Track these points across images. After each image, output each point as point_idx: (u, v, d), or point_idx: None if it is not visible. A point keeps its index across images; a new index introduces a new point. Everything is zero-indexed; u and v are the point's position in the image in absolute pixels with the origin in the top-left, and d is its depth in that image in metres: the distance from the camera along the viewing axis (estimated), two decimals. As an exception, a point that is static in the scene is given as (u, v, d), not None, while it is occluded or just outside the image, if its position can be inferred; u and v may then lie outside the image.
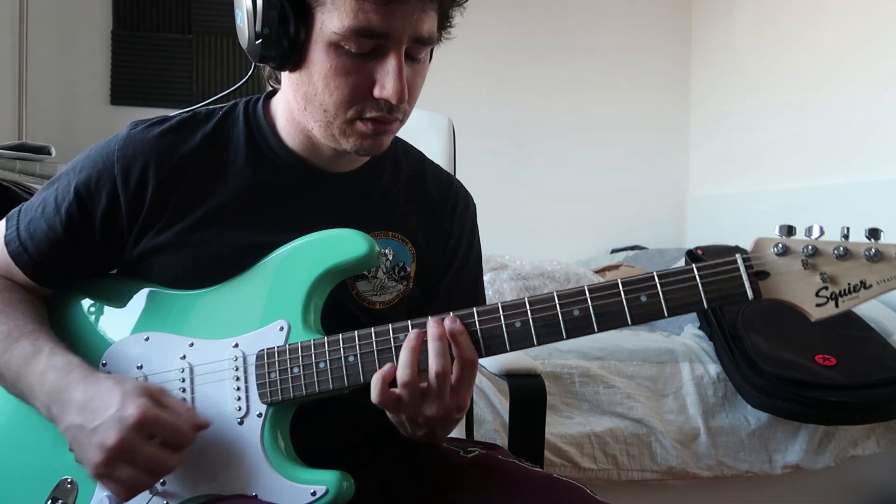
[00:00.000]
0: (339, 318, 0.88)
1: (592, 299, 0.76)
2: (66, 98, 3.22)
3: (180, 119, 0.92)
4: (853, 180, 2.51)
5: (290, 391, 0.82)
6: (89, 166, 0.89)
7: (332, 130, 0.84)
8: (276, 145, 0.92)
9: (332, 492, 0.78)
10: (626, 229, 3.52)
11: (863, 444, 1.81)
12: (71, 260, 0.90)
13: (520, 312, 0.78)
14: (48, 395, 0.80)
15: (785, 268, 0.72)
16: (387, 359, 0.80)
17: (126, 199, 0.88)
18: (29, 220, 0.91)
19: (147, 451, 0.74)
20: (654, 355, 1.84)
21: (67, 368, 0.80)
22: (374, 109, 0.82)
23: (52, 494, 0.85)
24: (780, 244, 0.72)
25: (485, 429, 1.64)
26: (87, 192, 0.88)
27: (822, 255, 0.71)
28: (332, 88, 0.81)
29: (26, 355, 0.82)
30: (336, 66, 0.80)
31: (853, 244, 0.70)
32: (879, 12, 2.46)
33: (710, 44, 3.52)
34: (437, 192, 1.01)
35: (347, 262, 0.84)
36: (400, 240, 0.96)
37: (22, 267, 0.90)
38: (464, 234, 1.03)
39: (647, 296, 0.75)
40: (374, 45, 0.79)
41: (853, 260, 0.70)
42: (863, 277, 0.70)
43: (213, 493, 0.81)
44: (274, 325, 0.84)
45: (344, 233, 0.86)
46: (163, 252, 0.89)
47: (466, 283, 1.04)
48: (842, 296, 0.70)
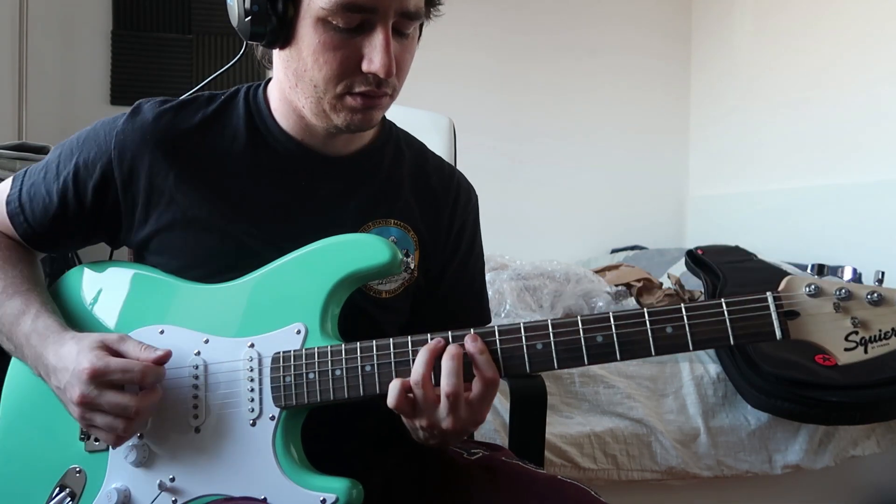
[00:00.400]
0: (346, 307, 0.88)
1: (617, 326, 0.75)
2: (66, 98, 3.22)
3: (183, 100, 0.94)
4: (853, 180, 2.51)
5: (305, 396, 0.81)
6: (92, 138, 0.92)
7: (322, 106, 0.85)
8: (275, 129, 0.93)
9: (343, 500, 0.78)
10: (626, 229, 3.52)
11: (863, 444, 1.80)
12: (61, 228, 0.93)
13: (542, 335, 0.77)
14: (33, 358, 0.85)
15: (816, 309, 0.71)
16: (404, 371, 0.79)
17: (120, 177, 0.90)
18: (32, 182, 0.94)
19: (107, 398, 0.78)
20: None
21: (46, 332, 0.84)
22: (362, 84, 0.83)
23: (61, 482, 0.85)
24: (813, 285, 0.71)
25: (485, 429, 1.64)
26: (84, 164, 0.91)
27: (856, 299, 0.70)
28: (322, 64, 0.82)
29: (16, 313, 0.87)
30: (324, 42, 0.81)
31: (887, 290, 0.70)
32: (878, 13, 2.45)
33: (710, 43, 3.52)
34: (439, 183, 1.02)
35: (369, 269, 0.84)
36: (402, 227, 0.96)
37: (16, 227, 0.94)
38: (466, 226, 1.03)
39: (673, 327, 0.73)
40: (362, 20, 0.80)
41: (887, 306, 0.69)
42: (895, 325, 0.69)
43: (223, 493, 0.81)
44: (291, 327, 0.84)
45: (366, 238, 0.86)
46: (168, 232, 0.90)
47: (471, 279, 1.04)
48: (871, 342, 0.70)
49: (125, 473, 0.84)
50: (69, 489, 0.85)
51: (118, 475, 0.84)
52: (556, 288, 2.10)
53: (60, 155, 0.93)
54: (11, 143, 2.04)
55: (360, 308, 0.90)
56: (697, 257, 2.23)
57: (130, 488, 0.83)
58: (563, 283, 2.13)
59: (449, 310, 1.02)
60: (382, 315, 0.93)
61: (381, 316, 0.93)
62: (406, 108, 1.24)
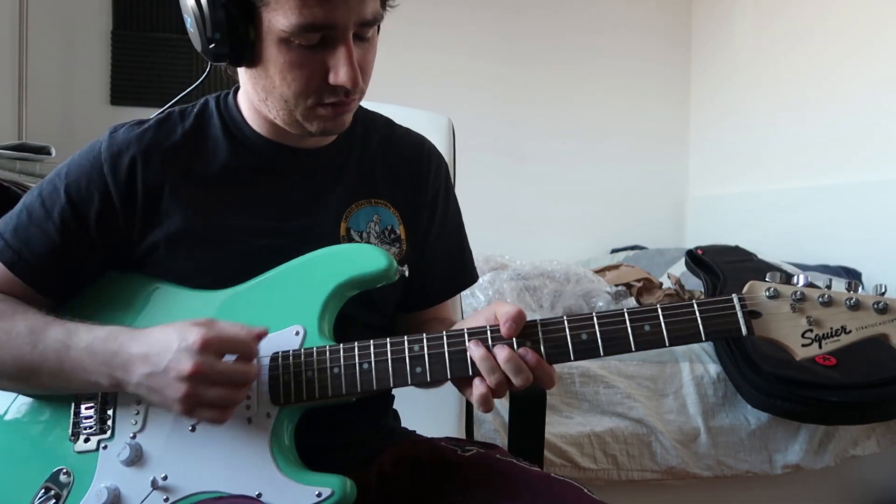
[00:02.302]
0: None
1: (600, 325, 0.81)
2: (66, 98, 3.22)
3: (157, 119, 0.95)
4: (852, 180, 2.51)
5: (303, 394, 0.83)
6: (76, 170, 0.90)
7: (295, 117, 0.88)
8: (251, 134, 0.95)
9: (337, 494, 0.79)
10: (626, 229, 3.52)
11: (863, 444, 1.80)
12: (67, 263, 0.90)
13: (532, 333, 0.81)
14: (105, 363, 0.80)
15: (775, 309, 0.80)
16: (401, 368, 0.82)
17: (118, 194, 0.89)
18: (13, 227, 0.89)
19: (224, 367, 0.77)
20: (654, 355, 1.84)
21: (112, 335, 0.81)
22: (331, 95, 0.85)
23: (46, 484, 0.85)
24: (772, 288, 0.80)
25: (485, 429, 1.64)
26: (77, 195, 0.88)
27: (809, 301, 0.79)
28: (290, 81, 0.84)
29: (62, 339, 0.82)
30: (289, 60, 0.83)
31: (836, 293, 0.79)
32: (878, 14, 2.46)
33: (710, 44, 3.52)
34: (410, 151, 1.04)
35: (366, 276, 0.87)
36: (383, 204, 0.99)
37: (20, 274, 0.88)
38: (440, 191, 1.05)
39: (651, 325, 0.80)
40: (322, 36, 0.82)
41: (836, 307, 0.79)
42: (844, 323, 0.79)
43: (217, 490, 0.82)
44: (290, 329, 0.86)
45: (364, 248, 0.90)
46: (167, 244, 0.90)
47: (451, 241, 1.07)
48: (825, 338, 0.79)
49: (115, 473, 0.84)
50: (55, 490, 0.84)
51: (108, 475, 0.84)
52: (556, 288, 2.10)
53: (42, 194, 0.89)
54: (11, 143, 2.04)
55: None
56: (697, 257, 2.23)
57: (120, 487, 0.83)
58: (563, 283, 2.13)
59: (436, 274, 1.05)
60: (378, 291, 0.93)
61: (377, 291, 0.94)
62: (406, 109, 1.24)
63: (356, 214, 0.96)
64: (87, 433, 0.86)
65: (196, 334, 0.76)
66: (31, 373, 0.83)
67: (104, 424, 0.86)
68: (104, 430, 0.86)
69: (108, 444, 0.85)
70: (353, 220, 0.96)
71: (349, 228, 0.95)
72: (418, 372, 0.81)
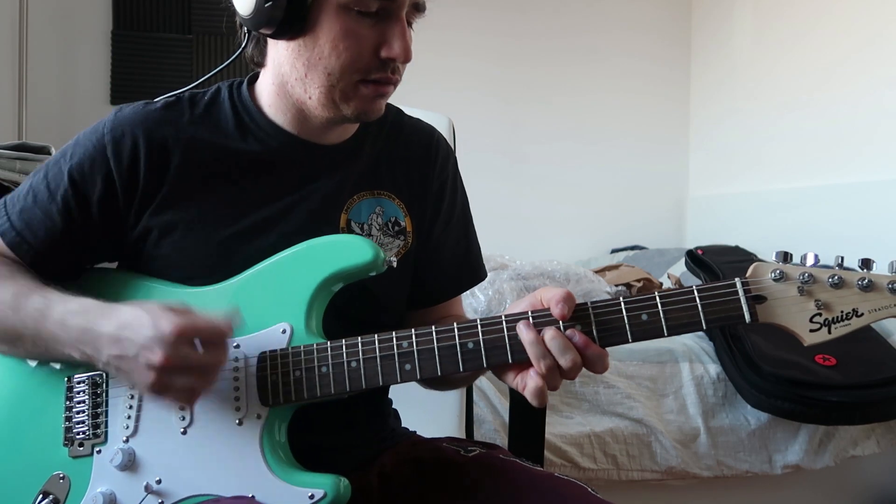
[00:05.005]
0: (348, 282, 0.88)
1: (595, 315, 0.77)
2: (66, 98, 3.22)
3: (165, 101, 0.93)
4: (853, 180, 2.51)
5: (292, 394, 0.82)
6: (80, 152, 0.89)
7: (333, 95, 0.86)
8: (264, 122, 0.93)
9: (330, 495, 0.78)
10: (626, 229, 3.52)
11: (863, 444, 1.80)
12: (70, 246, 0.90)
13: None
14: (76, 338, 0.80)
15: (782, 293, 0.74)
16: (390, 365, 0.80)
17: (120, 178, 0.88)
18: (20, 209, 0.90)
19: (195, 357, 0.76)
20: (654, 355, 1.84)
21: (84, 309, 0.81)
22: (378, 70, 0.85)
23: (44, 489, 0.85)
24: (778, 270, 0.74)
25: (485, 429, 1.64)
26: (80, 177, 0.88)
27: (818, 283, 0.73)
28: (341, 50, 0.83)
29: (40, 308, 0.82)
30: (344, 28, 0.83)
31: (847, 273, 0.73)
32: (878, 14, 2.46)
33: (710, 44, 3.52)
34: (418, 141, 1.03)
35: (351, 268, 0.85)
36: (387, 196, 0.97)
37: (22, 256, 0.89)
38: (447, 182, 1.04)
39: (648, 314, 0.76)
40: (379, 7, 0.82)
41: (847, 288, 0.72)
42: (855, 306, 0.72)
43: (210, 493, 0.81)
44: (276, 327, 0.84)
45: (348, 238, 0.87)
46: (161, 230, 0.89)
47: (460, 233, 1.05)
48: (834, 322, 0.73)
49: (110, 477, 0.83)
50: (52, 495, 0.84)
51: (103, 479, 0.84)
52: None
53: (47, 175, 0.90)
54: (11, 143, 2.04)
55: (358, 282, 0.90)
56: (697, 257, 2.23)
57: (116, 492, 0.83)
58: (563, 283, 2.13)
59: (444, 268, 1.04)
60: (381, 288, 0.93)
61: (379, 289, 0.93)
62: (407, 109, 1.23)
63: (358, 206, 0.95)
64: (80, 438, 0.86)
65: (169, 323, 0.74)
66: (15, 337, 0.84)
67: (97, 429, 0.85)
68: (97, 434, 0.85)
69: (101, 449, 0.85)
70: (353, 212, 0.95)
71: (350, 220, 0.94)
72: (408, 369, 0.80)
